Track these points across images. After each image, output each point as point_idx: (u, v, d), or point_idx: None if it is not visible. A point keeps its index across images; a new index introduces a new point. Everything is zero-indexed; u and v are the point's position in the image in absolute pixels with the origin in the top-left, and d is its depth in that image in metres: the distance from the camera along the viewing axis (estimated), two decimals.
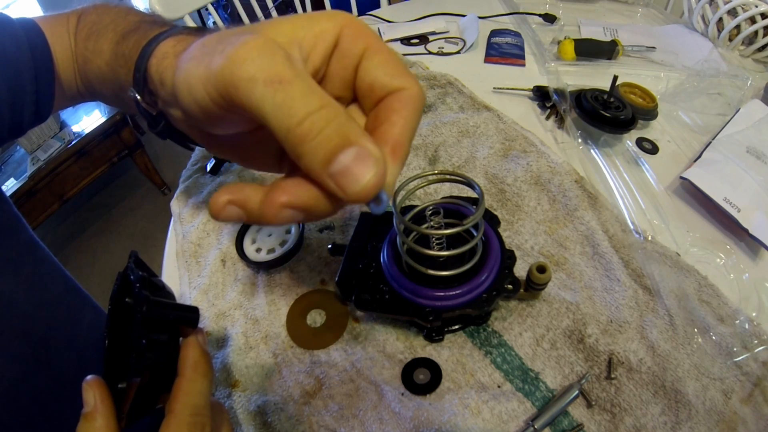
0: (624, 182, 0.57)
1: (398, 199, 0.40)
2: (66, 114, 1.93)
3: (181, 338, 0.30)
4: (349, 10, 1.20)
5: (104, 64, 0.37)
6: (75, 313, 0.49)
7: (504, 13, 0.94)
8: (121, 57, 0.34)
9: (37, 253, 0.46)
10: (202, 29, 0.35)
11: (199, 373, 0.28)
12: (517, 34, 0.87)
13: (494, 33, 0.88)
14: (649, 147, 0.62)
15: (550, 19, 0.90)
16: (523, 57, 0.81)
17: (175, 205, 0.62)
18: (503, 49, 0.83)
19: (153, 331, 0.27)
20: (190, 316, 0.30)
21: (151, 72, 0.30)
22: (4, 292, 0.39)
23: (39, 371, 0.42)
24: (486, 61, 0.81)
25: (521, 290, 0.42)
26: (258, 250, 0.52)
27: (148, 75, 0.30)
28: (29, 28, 0.40)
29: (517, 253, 0.44)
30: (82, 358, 0.46)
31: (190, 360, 0.28)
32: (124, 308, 0.28)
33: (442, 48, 0.86)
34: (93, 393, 0.25)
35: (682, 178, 0.54)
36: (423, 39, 0.89)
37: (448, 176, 0.42)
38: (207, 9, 1.11)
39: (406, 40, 0.89)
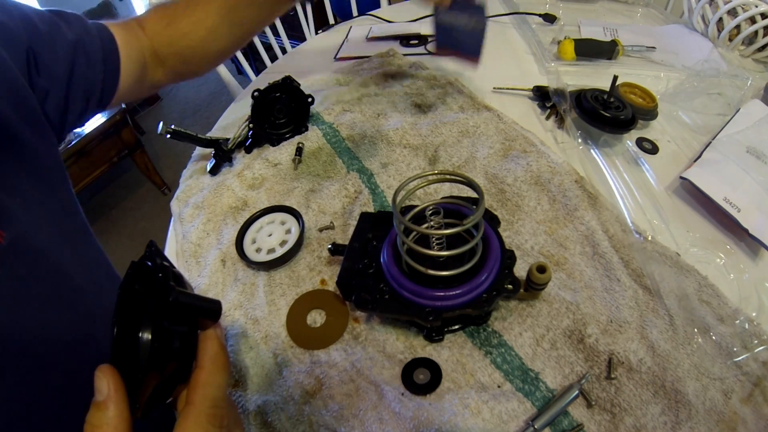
0: (624, 182, 0.57)
1: (398, 199, 0.40)
2: None
3: (198, 331, 0.29)
4: (349, 10, 1.20)
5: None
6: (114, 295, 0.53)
7: (504, 13, 0.94)
8: None
9: (87, 237, 0.49)
10: None
11: (218, 366, 0.28)
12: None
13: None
14: (649, 147, 0.62)
15: (550, 19, 0.90)
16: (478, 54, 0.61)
17: (175, 205, 0.62)
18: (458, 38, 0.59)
19: (176, 321, 0.27)
20: (214, 308, 0.29)
21: None
22: (62, 264, 0.42)
23: (92, 337, 0.43)
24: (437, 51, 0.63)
25: (521, 290, 0.42)
26: (258, 250, 0.52)
27: None
28: (99, 26, 0.50)
29: (517, 253, 0.44)
30: None
31: (209, 352, 0.28)
32: (134, 296, 0.28)
33: None
34: (107, 381, 0.24)
35: (682, 178, 0.54)
36: (423, 39, 0.89)
37: (448, 176, 0.42)
38: None
39: (405, 40, 0.89)
